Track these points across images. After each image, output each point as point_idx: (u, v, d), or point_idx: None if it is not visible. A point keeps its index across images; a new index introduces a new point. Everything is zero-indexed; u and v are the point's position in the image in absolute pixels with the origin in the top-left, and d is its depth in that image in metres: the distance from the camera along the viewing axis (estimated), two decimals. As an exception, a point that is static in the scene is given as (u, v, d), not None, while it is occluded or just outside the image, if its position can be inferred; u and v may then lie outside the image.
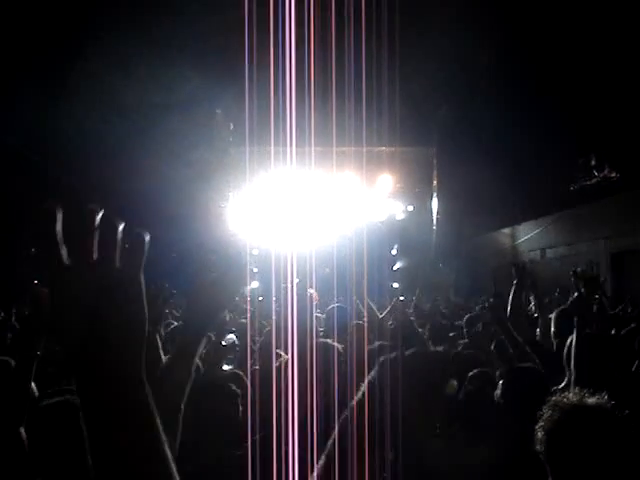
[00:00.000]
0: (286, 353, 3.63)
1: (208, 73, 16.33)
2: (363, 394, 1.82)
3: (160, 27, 14.95)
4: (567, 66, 15.29)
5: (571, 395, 2.01)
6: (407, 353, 1.71)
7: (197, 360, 1.92)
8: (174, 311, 11.11)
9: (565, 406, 1.98)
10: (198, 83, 17.00)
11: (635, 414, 1.99)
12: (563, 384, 3.74)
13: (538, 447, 1.98)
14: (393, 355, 1.81)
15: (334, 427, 1.84)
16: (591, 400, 1.98)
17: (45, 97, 15.37)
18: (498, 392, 3.33)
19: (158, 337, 5.98)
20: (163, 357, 5.64)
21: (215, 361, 5.49)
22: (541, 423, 2.00)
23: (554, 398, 2.03)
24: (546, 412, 2.00)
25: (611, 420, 1.93)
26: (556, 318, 4.96)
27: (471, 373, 3.91)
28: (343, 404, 1.94)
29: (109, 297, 0.90)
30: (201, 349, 1.89)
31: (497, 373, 4.09)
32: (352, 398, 1.86)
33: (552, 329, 4.97)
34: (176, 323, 7.88)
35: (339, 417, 1.87)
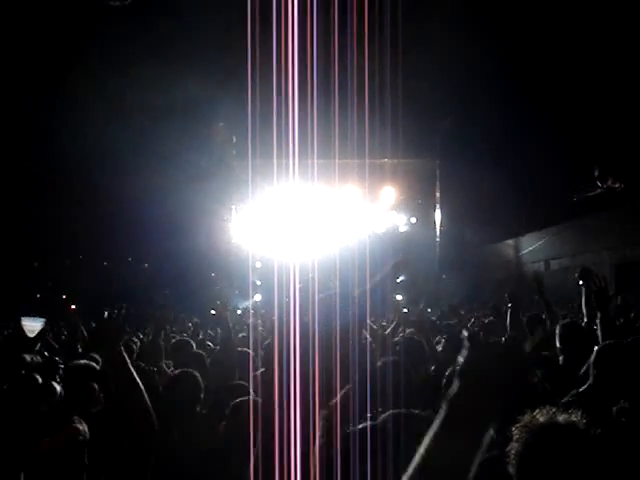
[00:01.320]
0: (288, 365, 3.62)
1: (211, 87, 16.38)
2: None
3: (164, 42, 15.02)
4: (570, 78, 15.31)
5: (541, 414, 1.94)
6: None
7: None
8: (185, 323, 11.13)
9: (534, 427, 1.91)
10: (201, 97, 17.06)
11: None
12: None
13: (510, 469, 1.92)
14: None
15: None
16: (562, 418, 1.91)
17: (49, 113, 15.45)
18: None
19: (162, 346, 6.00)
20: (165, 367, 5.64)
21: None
22: (512, 444, 1.93)
23: (525, 417, 1.96)
24: (516, 433, 1.93)
25: (582, 439, 1.86)
26: (561, 333, 4.89)
27: None
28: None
29: None
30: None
31: None
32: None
33: (557, 344, 4.90)
34: (178, 336, 7.86)
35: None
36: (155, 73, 14.99)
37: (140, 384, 3.08)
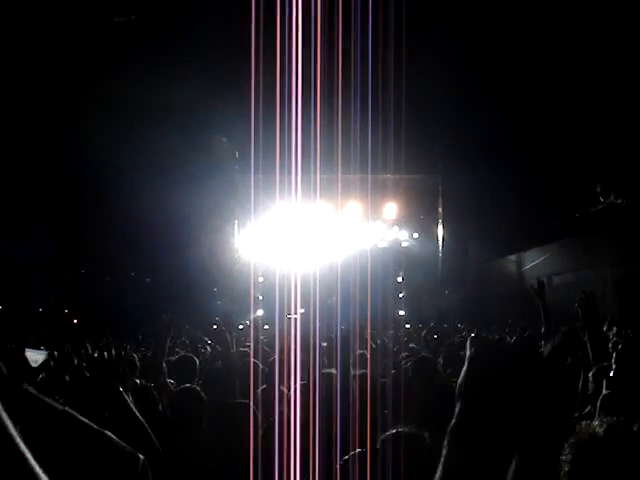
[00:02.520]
0: (289, 382, 3.62)
1: (214, 101, 16.46)
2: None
3: (167, 57, 15.12)
4: (573, 94, 15.36)
5: (598, 425, 1.83)
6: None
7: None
8: (185, 339, 11.12)
9: (597, 441, 1.78)
10: (204, 112, 17.14)
11: None
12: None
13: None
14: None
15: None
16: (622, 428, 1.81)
17: (51, 125, 15.53)
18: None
19: (164, 365, 5.98)
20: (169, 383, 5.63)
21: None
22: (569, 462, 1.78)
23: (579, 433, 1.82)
24: (574, 449, 1.78)
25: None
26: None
27: None
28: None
29: None
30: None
31: None
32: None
33: None
34: (183, 352, 7.83)
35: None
36: (159, 89, 15.08)
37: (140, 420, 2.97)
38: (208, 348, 8.92)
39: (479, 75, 15.98)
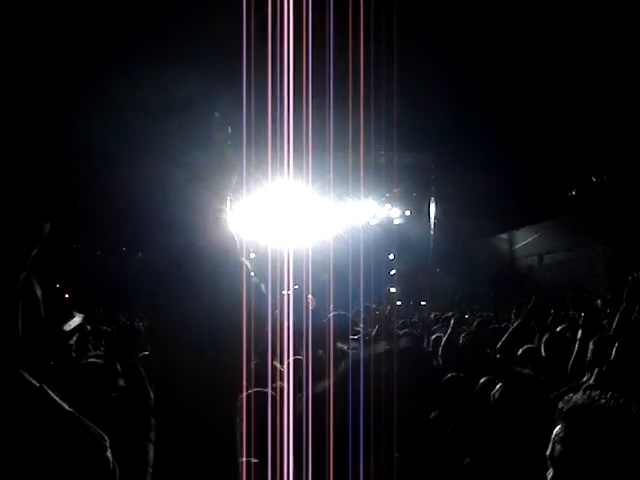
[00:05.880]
0: (282, 362, 3.61)
1: (207, 75, 16.33)
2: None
3: (159, 31, 14.97)
4: (566, 74, 15.32)
5: (579, 396, 1.92)
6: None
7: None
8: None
9: (579, 408, 1.89)
10: (196, 85, 17.00)
11: None
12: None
13: (554, 453, 1.89)
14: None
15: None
16: (604, 399, 1.89)
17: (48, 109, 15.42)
18: (496, 395, 3.33)
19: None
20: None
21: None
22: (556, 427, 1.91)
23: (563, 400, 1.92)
24: (558, 415, 1.90)
25: (628, 417, 1.85)
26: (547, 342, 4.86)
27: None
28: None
29: None
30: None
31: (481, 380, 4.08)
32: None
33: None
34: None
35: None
36: (151, 63, 14.95)
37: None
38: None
39: (472, 56, 15.91)
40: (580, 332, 4.57)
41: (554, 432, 1.88)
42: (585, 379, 3.79)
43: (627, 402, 1.83)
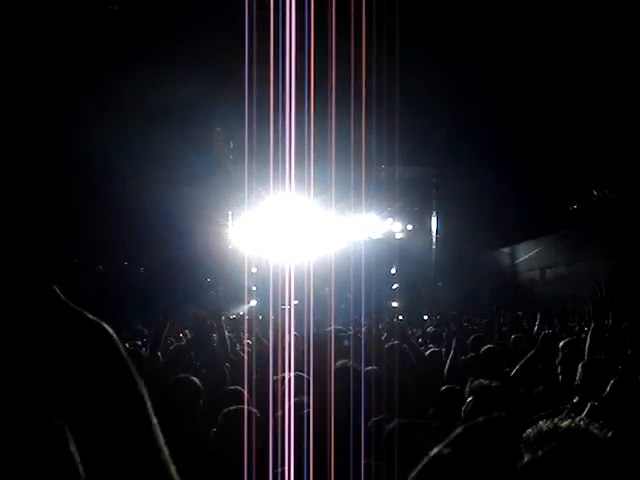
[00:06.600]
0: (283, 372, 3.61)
1: (209, 92, 16.40)
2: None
3: (161, 44, 15.04)
4: (568, 88, 15.36)
5: (561, 420, 1.86)
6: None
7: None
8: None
9: (559, 434, 1.83)
10: (199, 102, 17.07)
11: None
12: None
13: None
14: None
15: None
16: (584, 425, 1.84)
17: (46, 116, 15.45)
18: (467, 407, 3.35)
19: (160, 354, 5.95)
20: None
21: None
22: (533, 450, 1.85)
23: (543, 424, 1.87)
24: (536, 440, 1.84)
25: (602, 445, 1.81)
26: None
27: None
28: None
29: None
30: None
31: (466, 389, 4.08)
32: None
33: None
34: (177, 343, 7.81)
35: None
36: (154, 78, 15.00)
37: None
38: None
39: (475, 68, 15.95)
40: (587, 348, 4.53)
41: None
42: (575, 401, 3.74)
43: (592, 426, 1.78)
